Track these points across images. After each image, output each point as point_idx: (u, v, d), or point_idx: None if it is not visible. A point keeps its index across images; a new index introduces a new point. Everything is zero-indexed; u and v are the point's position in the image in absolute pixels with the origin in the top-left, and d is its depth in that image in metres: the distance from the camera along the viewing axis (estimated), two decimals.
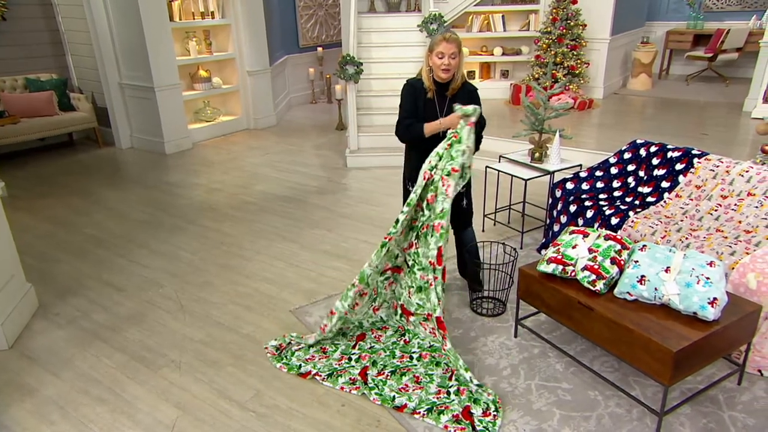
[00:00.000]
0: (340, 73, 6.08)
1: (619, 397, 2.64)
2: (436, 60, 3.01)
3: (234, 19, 7.32)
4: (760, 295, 2.77)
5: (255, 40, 7.52)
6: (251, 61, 7.56)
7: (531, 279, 2.88)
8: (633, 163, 3.94)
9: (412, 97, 3.15)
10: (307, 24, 9.41)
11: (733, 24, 8.70)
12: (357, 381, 2.73)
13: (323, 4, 9.59)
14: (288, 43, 9.09)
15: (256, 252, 4.20)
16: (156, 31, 6.36)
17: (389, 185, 5.51)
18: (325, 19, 9.72)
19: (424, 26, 6.51)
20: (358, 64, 6.05)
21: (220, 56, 7.41)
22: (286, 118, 8.54)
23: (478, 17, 7.98)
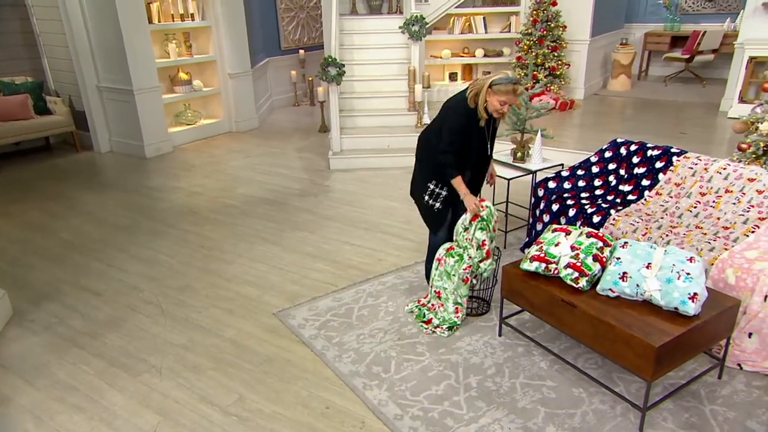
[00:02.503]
0: (323, 75, 6.06)
1: (603, 393, 2.65)
2: (496, 103, 2.96)
3: (214, 21, 7.26)
4: (739, 290, 2.81)
5: (236, 43, 7.46)
6: (232, 64, 7.50)
7: (515, 277, 2.89)
8: (614, 162, 3.98)
9: (466, 126, 3.05)
10: (288, 26, 9.37)
11: (709, 26, 8.87)
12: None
13: (305, 7, 9.55)
14: (269, 45, 9.04)
15: (237, 255, 4.15)
16: (134, 34, 6.28)
17: (373, 187, 5.50)
18: (306, 21, 9.69)
19: (405, 28, 6.52)
20: (340, 66, 6.04)
21: (200, 59, 7.34)
22: (269, 120, 8.49)
23: (460, 19, 8.02)
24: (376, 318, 3.29)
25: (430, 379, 2.76)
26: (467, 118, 3.04)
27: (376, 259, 4.01)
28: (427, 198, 3.26)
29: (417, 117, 6.46)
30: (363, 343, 3.06)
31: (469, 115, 3.03)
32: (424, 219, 3.44)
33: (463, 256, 3.10)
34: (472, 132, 3.10)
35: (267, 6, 8.84)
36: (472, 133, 3.10)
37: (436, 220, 3.34)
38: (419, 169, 3.33)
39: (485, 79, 2.99)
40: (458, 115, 3.05)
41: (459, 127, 3.04)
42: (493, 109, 3.00)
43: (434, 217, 3.32)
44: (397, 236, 4.38)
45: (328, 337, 3.12)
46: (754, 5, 6.53)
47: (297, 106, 9.41)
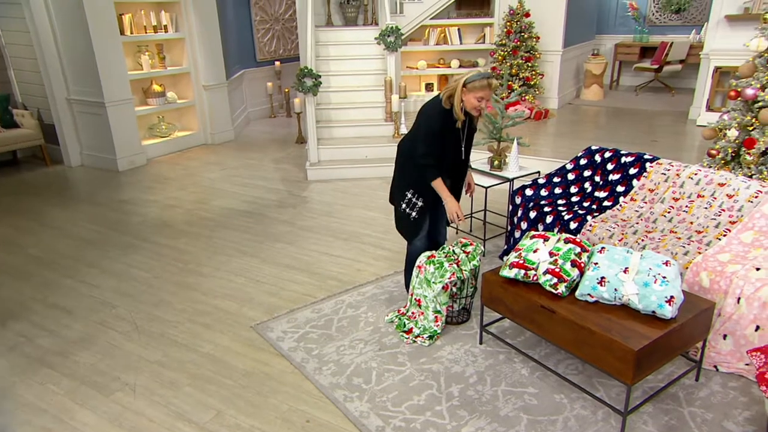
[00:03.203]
0: (299, 86, 6.05)
1: (584, 399, 2.66)
2: (473, 101, 2.98)
3: (188, 33, 7.20)
4: (713, 292, 2.86)
5: (210, 54, 7.41)
6: (207, 76, 7.44)
7: (494, 285, 2.89)
8: (589, 169, 4.04)
9: (442, 127, 3.05)
10: (263, 38, 9.35)
11: (676, 38, 9.15)
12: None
13: (280, 19, 9.55)
14: (245, 57, 9.00)
15: (214, 268, 4.08)
16: (106, 45, 6.18)
17: (351, 197, 5.49)
18: (282, 33, 9.69)
19: (381, 39, 6.56)
20: (317, 77, 6.04)
21: (174, 70, 7.26)
22: (245, 132, 8.42)
23: (435, 30, 8.11)
24: (356, 329, 3.26)
25: (411, 390, 2.74)
26: (443, 118, 3.04)
27: (356, 270, 3.99)
28: (404, 206, 3.28)
29: (394, 127, 6.49)
30: (343, 354, 3.03)
31: (444, 116, 3.04)
32: (399, 227, 3.43)
33: (444, 264, 3.10)
34: (448, 134, 3.11)
35: (242, 18, 8.81)
36: (448, 136, 3.11)
37: (412, 230, 3.34)
38: (398, 177, 3.33)
39: (458, 79, 3.00)
40: (434, 117, 3.05)
41: (435, 128, 3.04)
42: (471, 107, 3.01)
43: (410, 226, 3.33)
44: (376, 246, 4.36)
45: (307, 350, 3.08)
46: (718, 18, 6.76)
47: (273, 118, 9.37)
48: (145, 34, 6.85)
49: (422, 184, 3.17)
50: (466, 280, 3.18)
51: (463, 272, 3.13)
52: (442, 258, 3.15)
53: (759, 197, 3.26)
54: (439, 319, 3.14)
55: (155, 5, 6.90)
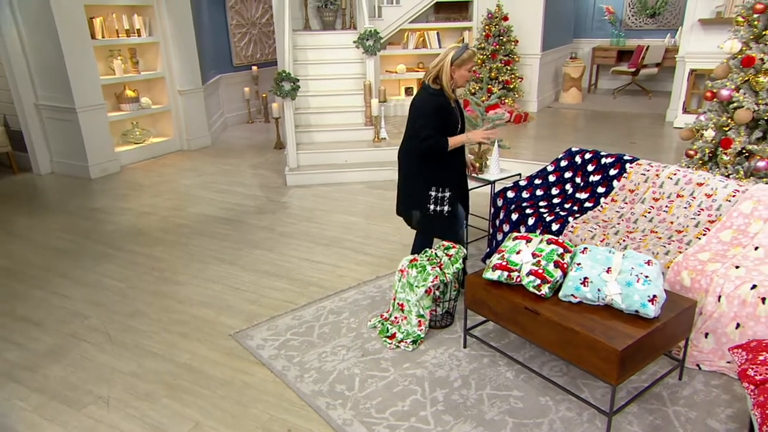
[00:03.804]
0: (277, 90, 6.01)
1: (569, 401, 2.67)
2: (465, 73, 3.10)
3: (162, 37, 7.11)
4: (694, 291, 2.90)
5: (185, 59, 7.33)
6: (182, 81, 7.35)
7: (477, 287, 2.89)
8: (569, 170, 4.08)
9: (440, 110, 3.13)
10: (240, 42, 9.29)
11: (651, 41, 9.35)
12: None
13: (256, 23, 9.51)
14: (221, 61, 8.93)
15: (191, 276, 4.01)
16: (76, 50, 6.07)
17: (331, 202, 5.46)
18: (259, 37, 9.64)
19: (360, 43, 6.57)
20: (295, 81, 6.01)
21: (148, 75, 7.16)
22: (222, 138, 8.34)
23: (414, 34, 8.16)
24: (338, 335, 3.23)
25: (395, 395, 2.72)
26: (436, 100, 3.13)
27: (337, 275, 3.96)
28: (433, 206, 3.27)
29: (374, 131, 6.49)
30: (325, 361, 2.99)
31: (436, 97, 3.13)
32: (434, 232, 3.43)
33: (426, 267, 3.09)
34: (447, 115, 3.18)
35: (217, 22, 8.75)
36: (447, 116, 3.18)
37: (450, 225, 3.35)
38: (411, 183, 3.33)
39: (440, 60, 3.10)
40: (426, 101, 3.13)
41: (432, 108, 3.11)
42: (464, 80, 3.13)
43: (446, 222, 3.33)
44: (358, 251, 4.34)
45: (288, 357, 3.03)
46: (692, 22, 6.92)
47: (251, 123, 9.30)
48: (117, 38, 6.74)
49: (441, 175, 3.23)
50: (449, 283, 3.17)
51: (446, 275, 3.12)
52: (424, 261, 3.14)
53: (736, 196, 3.32)
54: (423, 324, 3.13)
55: (128, 9, 6.81)
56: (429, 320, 3.18)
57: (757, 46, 3.82)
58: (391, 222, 4.90)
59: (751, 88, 3.85)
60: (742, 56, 3.87)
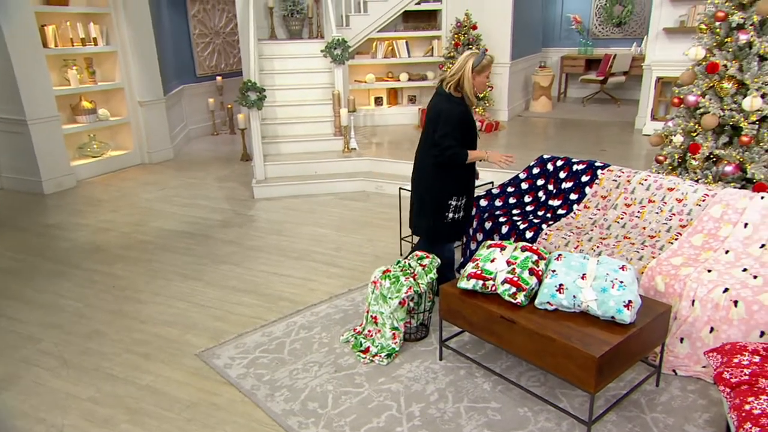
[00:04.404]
0: (242, 100, 5.96)
1: (548, 411, 2.67)
2: (483, 80, 3.26)
3: (120, 46, 6.99)
4: (668, 296, 2.97)
5: (146, 69, 7.21)
6: (142, 91, 7.23)
7: (452, 297, 2.89)
8: (542, 178, 4.15)
9: (464, 120, 3.26)
10: (203, 52, 9.21)
11: (619, 50, 9.64)
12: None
13: (220, 32, 9.45)
14: (184, 72, 8.83)
15: (153, 294, 3.91)
16: (26, 59, 5.90)
17: (300, 214, 5.42)
18: (223, 47, 9.57)
19: (327, 51, 6.58)
20: (261, 90, 5.97)
21: (105, 86, 7.01)
22: (185, 151, 8.22)
23: (382, 43, 8.22)
24: (309, 351, 3.18)
25: (370, 411, 2.68)
26: (461, 108, 3.26)
27: (308, 289, 3.91)
28: (452, 215, 3.45)
29: (344, 142, 6.48)
30: (297, 378, 2.94)
31: (461, 105, 3.27)
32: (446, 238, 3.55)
33: (400, 278, 3.08)
34: (469, 121, 3.32)
35: (179, 31, 8.66)
36: (469, 123, 3.32)
37: (460, 229, 3.57)
38: (433, 194, 3.42)
39: (460, 69, 3.21)
40: (454, 109, 3.23)
41: (458, 118, 3.23)
42: (482, 87, 3.30)
43: (458, 227, 3.54)
44: (329, 264, 4.31)
45: (257, 375, 2.97)
46: (656, 30, 7.17)
47: (216, 135, 9.20)
48: (71, 47, 6.59)
49: (460, 184, 3.41)
50: (423, 294, 3.17)
51: (420, 286, 3.12)
52: (397, 272, 3.13)
53: (706, 200, 3.42)
54: (397, 336, 3.11)
55: (83, 16, 6.67)
56: (403, 333, 3.17)
57: (720, 53, 3.97)
58: (363, 233, 4.89)
59: (716, 93, 3.99)
60: (707, 63, 4.02)
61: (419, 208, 3.52)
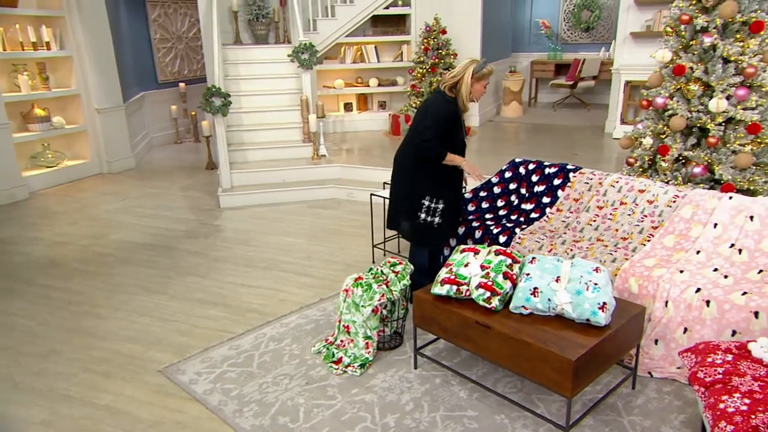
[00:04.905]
0: (206, 106, 5.89)
1: (525, 417, 2.68)
2: (481, 88, 3.33)
3: (76, 51, 6.83)
4: (642, 298, 3.02)
5: (103, 75, 7.07)
6: (100, 98, 7.08)
7: (426, 303, 2.89)
8: (514, 182, 4.20)
9: (452, 119, 3.32)
10: (165, 58, 9.08)
11: (587, 55, 9.87)
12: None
13: (183, 37, 9.34)
14: (145, 78, 8.69)
15: (114, 309, 3.80)
16: None
17: (269, 223, 5.37)
18: (186, 52, 9.46)
19: (295, 56, 6.57)
20: (226, 96, 5.91)
21: (60, 92, 6.84)
22: (147, 159, 8.07)
23: (351, 48, 8.24)
24: (279, 363, 3.14)
25: (344, 424, 2.65)
26: (452, 107, 3.31)
27: (277, 300, 3.87)
28: (424, 216, 3.42)
29: (313, 148, 6.46)
30: (266, 392, 2.89)
31: (451, 104, 3.31)
32: (418, 241, 3.55)
33: (372, 285, 3.06)
34: (456, 123, 3.36)
35: (139, 36, 8.53)
36: (456, 124, 3.36)
37: (439, 236, 3.52)
38: (406, 192, 3.45)
39: (461, 73, 3.27)
40: (443, 106, 3.29)
41: (445, 115, 3.28)
42: (479, 95, 3.36)
43: (436, 233, 3.48)
44: (299, 273, 4.27)
45: (225, 391, 2.91)
46: (624, 35, 7.39)
47: (180, 144, 9.07)
48: (22, 51, 6.41)
49: (437, 185, 3.38)
50: (397, 301, 3.16)
51: (393, 293, 3.11)
52: (370, 279, 3.11)
53: (677, 201, 3.51)
54: (370, 346, 3.09)
55: (34, 19, 6.49)
56: (377, 341, 3.15)
57: (686, 56, 4.10)
58: (334, 242, 4.86)
59: (684, 95, 4.12)
60: (674, 65, 4.14)
61: (395, 205, 3.55)
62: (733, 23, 3.91)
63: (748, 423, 1.96)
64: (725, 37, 3.95)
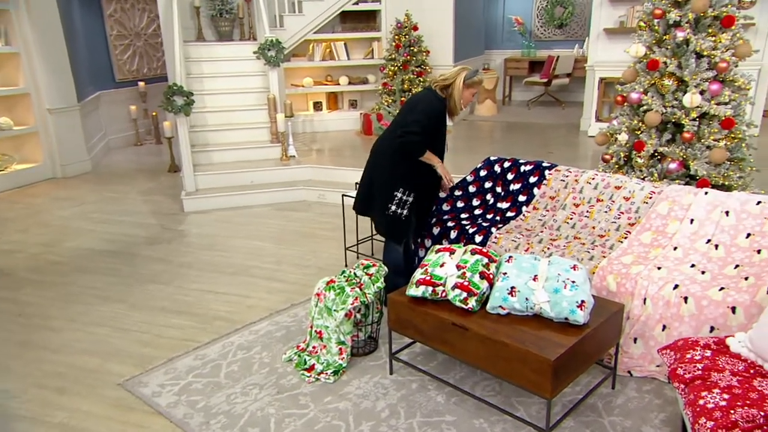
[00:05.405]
0: (167, 106, 5.80)
1: (504, 421, 2.70)
2: (469, 96, 3.46)
3: (23, 47, 6.65)
4: (620, 295, 3.07)
5: (55, 73, 6.90)
6: (52, 98, 6.90)
7: (401, 306, 2.88)
8: (489, 180, 4.23)
9: (439, 117, 3.44)
10: (123, 56, 8.91)
11: (561, 52, 10.06)
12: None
13: (141, 34, 9.18)
14: (101, 77, 8.50)
15: (69, 320, 3.70)
16: None
17: (236, 227, 5.31)
18: (145, 50, 9.31)
19: (261, 53, 6.52)
20: (189, 95, 5.83)
21: (7, 91, 6.65)
22: (105, 163, 7.91)
23: (320, 45, 8.22)
24: (249, 372, 3.10)
25: None
26: (443, 105, 3.42)
27: (246, 306, 3.83)
28: (394, 207, 3.47)
29: (281, 149, 6.41)
30: (235, 403, 2.85)
31: (443, 102, 3.42)
32: (386, 233, 3.62)
33: (345, 288, 3.05)
34: (441, 126, 3.48)
35: (94, 32, 8.34)
36: (440, 127, 3.47)
37: (404, 229, 3.56)
38: (382, 180, 3.50)
39: (453, 76, 3.39)
40: (434, 102, 3.39)
41: (435, 113, 3.38)
42: (466, 102, 3.48)
43: (402, 226, 3.53)
44: (269, 278, 4.23)
45: (191, 403, 2.86)
46: (597, 31, 7.54)
47: (140, 146, 8.91)
48: None
49: (412, 179, 3.44)
50: (371, 304, 3.15)
51: (367, 296, 3.09)
52: (342, 282, 3.10)
53: (653, 198, 3.58)
54: (344, 351, 3.07)
55: None
56: (351, 347, 3.13)
57: (660, 50, 4.20)
58: (305, 245, 4.83)
59: (658, 91, 4.21)
60: (647, 60, 4.24)
61: (369, 192, 3.60)
62: (705, 17, 4.02)
63: (728, 418, 2.00)
64: (698, 32, 4.06)
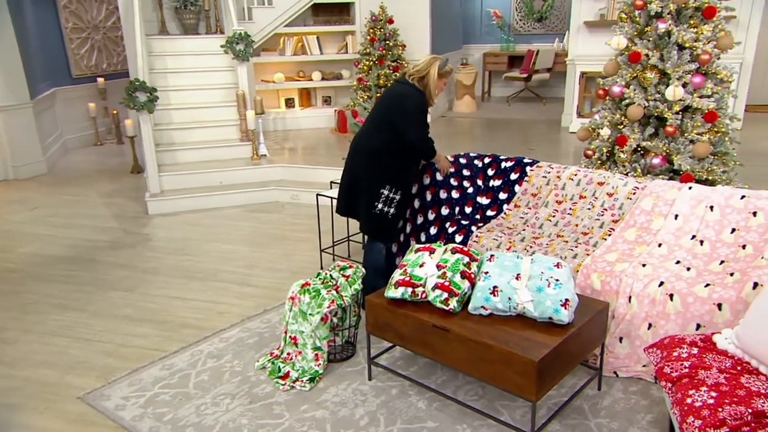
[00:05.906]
0: (129, 102, 5.71)
1: (488, 425, 2.71)
2: (441, 86, 3.59)
3: None
4: (605, 294, 3.11)
5: (4, 68, 6.75)
6: (1, 95, 6.74)
7: (379, 308, 2.88)
8: (468, 169, 4.21)
9: (426, 110, 3.58)
10: (80, 50, 8.75)
11: (541, 46, 10.17)
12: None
13: (100, 27, 9.03)
14: (56, 72, 8.33)
15: (23, 331, 3.62)
16: None
17: (204, 230, 5.27)
18: (104, 44, 9.15)
19: (228, 47, 6.46)
20: (151, 91, 5.75)
21: None
22: (62, 164, 7.77)
23: (291, 39, 8.18)
24: (219, 382, 3.07)
25: None
26: (425, 99, 3.54)
27: (216, 313, 3.80)
28: (381, 206, 3.54)
29: (252, 148, 6.36)
30: (205, 414, 2.82)
31: (423, 95, 3.53)
32: (373, 232, 3.67)
33: (321, 291, 3.03)
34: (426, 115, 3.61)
35: (47, 24, 8.16)
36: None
37: (391, 228, 3.66)
38: (368, 178, 3.55)
39: (428, 68, 3.49)
40: (418, 97, 3.50)
41: (423, 106, 3.52)
42: (439, 91, 3.61)
43: (389, 224, 3.62)
44: (240, 283, 4.20)
45: (157, 416, 2.81)
46: (577, 25, 7.65)
47: (100, 145, 8.77)
48: None
49: (400, 177, 3.55)
50: (348, 307, 3.13)
51: (344, 299, 3.08)
52: (318, 285, 3.08)
53: (636, 193, 3.64)
54: (320, 357, 3.05)
55: None
56: (327, 353, 3.12)
57: (642, 42, 4.27)
58: (278, 248, 4.80)
59: (640, 84, 4.28)
60: (629, 52, 4.31)
61: (351, 193, 3.64)
62: (687, 8, 4.10)
63: (716, 416, 2.04)
64: (679, 23, 4.14)
